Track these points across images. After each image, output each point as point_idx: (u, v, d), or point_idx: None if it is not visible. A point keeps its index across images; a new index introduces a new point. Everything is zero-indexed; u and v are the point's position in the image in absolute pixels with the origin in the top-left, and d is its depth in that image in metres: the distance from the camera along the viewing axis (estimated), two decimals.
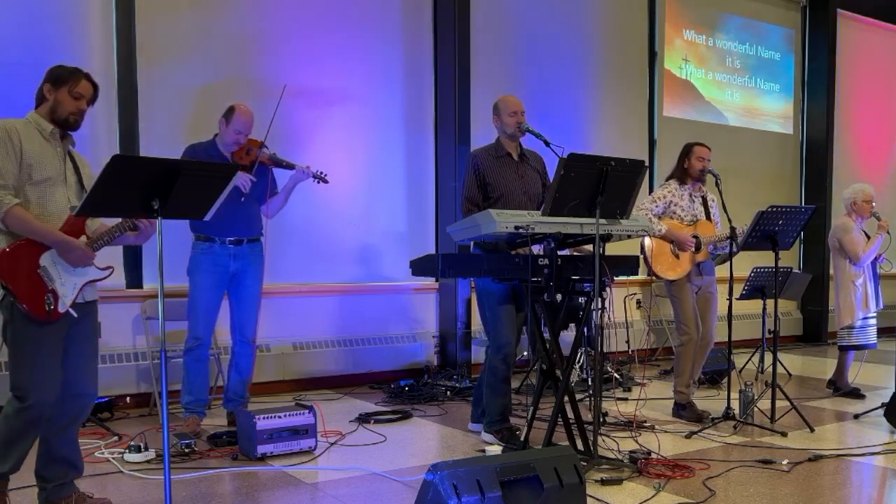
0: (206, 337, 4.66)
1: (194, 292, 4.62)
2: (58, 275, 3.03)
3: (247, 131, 4.63)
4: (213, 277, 4.61)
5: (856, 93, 9.95)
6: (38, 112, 3.11)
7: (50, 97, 3.09)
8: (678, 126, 8.23)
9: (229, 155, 4.64)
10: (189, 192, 2.79)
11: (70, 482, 3.23)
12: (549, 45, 7.40)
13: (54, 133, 3.09)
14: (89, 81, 3.13)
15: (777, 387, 4.92)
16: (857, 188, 5.85)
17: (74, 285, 3.08)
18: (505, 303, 4.32)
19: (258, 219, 4.79)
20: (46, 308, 2.98)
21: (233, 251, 4.64)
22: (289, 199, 4.90)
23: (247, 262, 4.69)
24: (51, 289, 3.01)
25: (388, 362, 6.45)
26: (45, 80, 3.11)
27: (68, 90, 3.07)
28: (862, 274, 5.72)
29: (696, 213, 5.01)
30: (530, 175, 4.51)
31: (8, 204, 2.91)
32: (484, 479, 2.73)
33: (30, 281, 2.96)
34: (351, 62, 6.32)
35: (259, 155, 4.65)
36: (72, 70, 3.12)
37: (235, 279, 4.69)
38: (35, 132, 3.06)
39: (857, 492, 3.64)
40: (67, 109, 3.08)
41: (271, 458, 4.05)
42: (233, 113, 4.58)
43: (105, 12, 5.30)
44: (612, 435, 4.47)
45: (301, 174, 4.75)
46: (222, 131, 4.63)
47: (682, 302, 4.93)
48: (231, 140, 4.61)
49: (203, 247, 4.61)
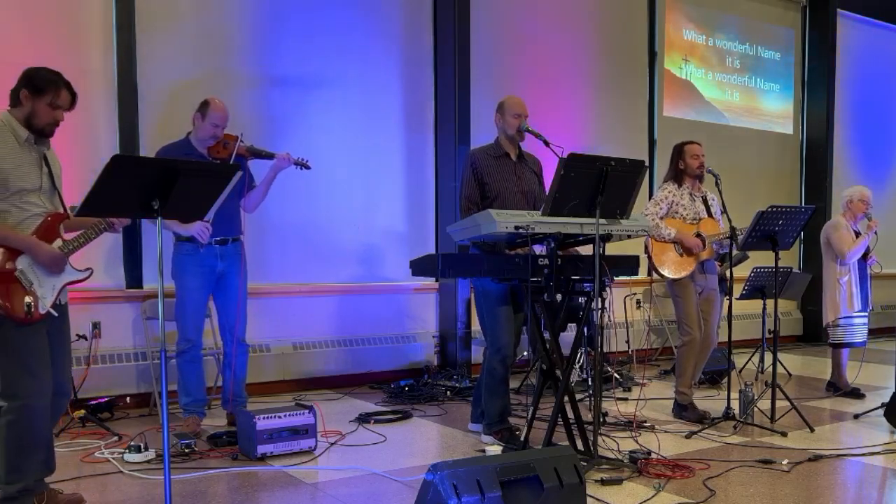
0: (198, 339, 4.63)
1: (182, 295, 4.58)
2: (35, 277, 3.03)
3: (223, 124, 4.57)
4: (200, 279, 4.57)
5: (856, 93, 9.95)
6: (12, 114, 3.05)
7: (27, 104, 3.03)
8: (678, 126, 8.23)
9: (205, 150, 4.58)
10: (189, 193, 2.79)
11: (41, 480, 3.19)
12: (549, 45, 7.40)
13: (30, 139, 3.06)
14: (69, 91, 3.09)
15: (777, 387, 4.92)
16: (855, 188, 5.89)
17: (53, 287, 3.08)
18: (503, 304, 4.31)
19: (239, 217, 4.73)
20: (26, 310, 2.98)
21: (219, 251, 4.60)
22: (269, 190, 4.81)
23: (232, 262, 4.66)
24: (30, 291, 3.01)
25: (388, 362, 6.45)
26: (22, 84, 3.04)
27: (48, 102, 3.03)
28: (848, 273, 5.75)
29: (698, 212, 5.00)
30: (528, 176, 4.51)
31: None
32: (484, 479, 2.73)
33: (7, 284, 2.96)
34: (351, 62, 6.32)
35: (237, 147, 4.59)
36: (52, 79, 3.05)
37: (222, 280, 4.65)
38: (10, 137, 3.01)
39: (857, 492, 3.64)
40: (44, 120, 3.05)
41: (271, 458, 4.05)
42: (208, 106, 4.52)
43: (105, 12, 5.30)
44: (612, 435, 4.47)
45: (282, 162, 4.68)
46: (198, 126, 4.56)
47: (685, 301, 4.92)
48: (208, 134, 4.53)
49: (187, 248, 4.55)
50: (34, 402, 3.01)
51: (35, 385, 3.01)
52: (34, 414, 3.02)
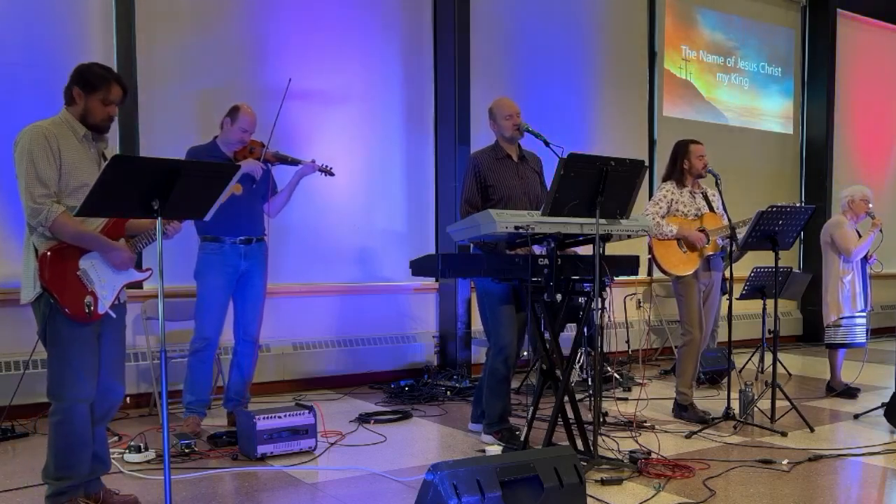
0: (215, 338, 4.64)
1: (203, 293, 4.61)
2: (97, 277, 3.07)
3: (252, 129, 4.66)
4: (224, 278, 4.60)
5: (856, 93, 9.95)
6: (70, 112, 3.09)
7: (80, 102, 3.07)
8: (678, 126, 8.22)
9: (232, 154, 4.65)
10: (189, 193, 2.79)
11: (97, 479, 3.27)
12: (549, 45, 7.40)
13: (87, 136, 3.10)
14: (120, 85, 3.12)
15: (777, 387, 4.92)
16: (855, 188, 5.88)
17: (114, 287, 3.12)
18: (505, 303, 4.32)
19: (262, 218, 4.79)
20: (86, 310, 3.02)
21: (243, 251, 4.64)
22: (292, 195, 4.90)
23: (255, 262, 4.70)
24: (90, 290, 3.04)
25: (388, 362, 6.45)
26: (74, 82, 3.08)
27: (100, 98, 3.06)
28: (851, 272, 5.73)
29: (699, 208, 4.99)
30: (530, 177, 4.51)
31: (55, 213, 2.94)
32: (484, 479, 2.73)
33: (70, 283, 3.00)
34: (351, 62, 6.32)
35: (263, 153, 4.67)
36: (103, 76, 3.07)
37: (243, 279, 4.68)
38: (70, 135, 3.05)
39: (858, 492, 3.64)
40: (99, 117, 3.09)
41: (271, 459, 4.05)
42: (238, 112, 4.60)
43: (105, 12, 5.30)
44: (612, 435, 4.47)
45: (307, 168, 4.80)
46: (227, 130, 4.64)
47: (688, 301, 4.91)
48: (237, 139, 4.62)
49: (212, 247, 4.60)
50: (78, 403, 3.06)
51: (79, 387, 3.04)
52: (77, 415, 3.06)
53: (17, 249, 4.43)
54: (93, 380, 3.09)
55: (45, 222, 2.95)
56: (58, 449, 3.07)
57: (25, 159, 2.95)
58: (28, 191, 2.95)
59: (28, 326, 4.74)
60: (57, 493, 3.10)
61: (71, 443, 3.07)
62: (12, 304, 4.61)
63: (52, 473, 3.09)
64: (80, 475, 3.13)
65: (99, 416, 3.21)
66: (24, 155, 2.96)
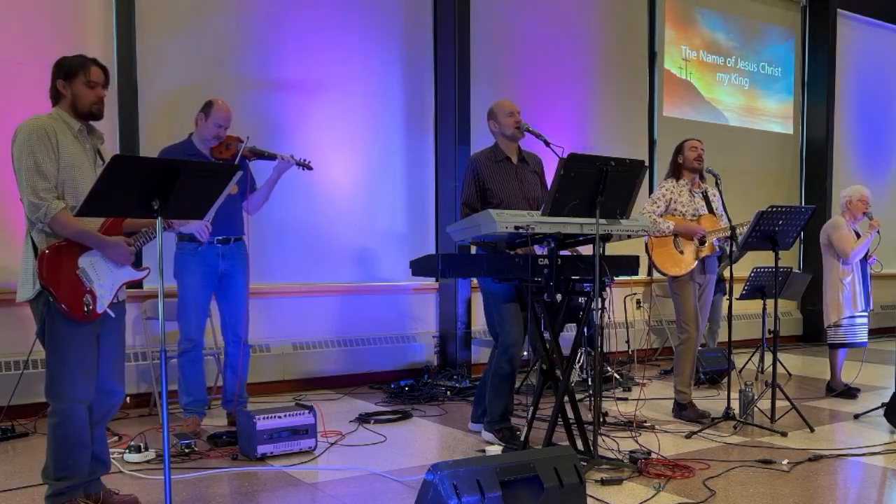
0: (199, 338, 4.63)
1: (184, 294, 4.58)
2: (96, 276, 3.06)
3: (226, 124, 4.58)
4: (202, 278, 4.57)
5: (856, 93, 9.95)
6: (61, 108, 3.08)
7: (66, 92, 3.06)
8: (678, 126, 8.23)
9: (208, 151, 4.59)
10: (189, 193, 2.79)
11: (97, 479, 3.27)
12: (549, 45, 7.40)
13: (82, 131, 3.10)
14: (98, 66, 3.11)
15: (777, 387, 4.92)
16: (854, 188, 5.87)
17: (112, 286, 3.11)
18: (510, 301, 4.32)
19: (241, 217, 4.74)
20: (85, 309, 3.01)
21: (221, 250, 4.60)
22: (272, 191, 4.83)
23: (234, 261, 4.66)
24: (89, 289, 3.03)
25: (388, 362, 6.45)
26: (55, 76, 3.07)
27: (83, 81, 3.05)
28: (851, 272, 5.73)
29: (697, 208, 4.99)
30: (530, 179, 4.51)
31: (55, 209, 2.93)
32: (484, 479, 2.72)
33: (69, 282, 2.99)
34: (351, 62, 6.32)
35: (239, 148, 4.60)
36: (79, 60, 3.08)
37: (224, 279, 4.65)
38: (66, 130, 3.04)
39: (858, 492, 3.64)
40: (88, 100, 3.07)
41: (271, 459, 4.05)
42: (211, 107, 4.54)
43: (105, 12, 5.30)
44: (612, 435, 4.47)
45: (284, 164, 4.70)
46: (201, 126, 4.57)
47: (684, 300, 4.92)
48: (211, 134, 4.55)
49: (189, 248, 4.56)
50: (76, 405, 3.05)
51: (77, 388, 3.04)
52: (75, 416, 3.06)
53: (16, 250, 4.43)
54: (91, 381, 3.09)
55: (44, 218, 2.93)
56: (56, 450, 3.06)
57: (25, 153, 2.94)
58: (29, 185, 2.93)
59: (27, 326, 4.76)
60: (57, 493, 3.09)
61: (69, 444, 3.07)
62: (11, 303, 4.62)
63: (52, 474, 3.09)
64: (80, 475, 3.13)
65: (98, 417, 3.20)
66: (23, 148, 2.94)
